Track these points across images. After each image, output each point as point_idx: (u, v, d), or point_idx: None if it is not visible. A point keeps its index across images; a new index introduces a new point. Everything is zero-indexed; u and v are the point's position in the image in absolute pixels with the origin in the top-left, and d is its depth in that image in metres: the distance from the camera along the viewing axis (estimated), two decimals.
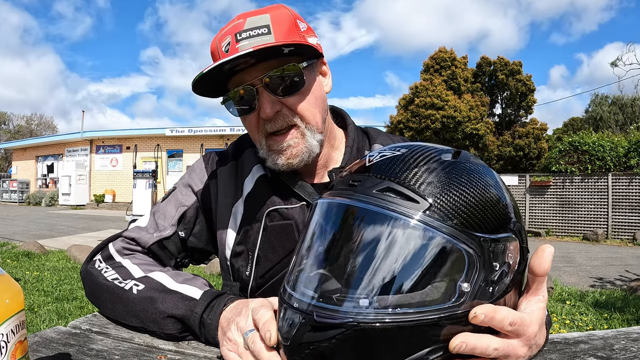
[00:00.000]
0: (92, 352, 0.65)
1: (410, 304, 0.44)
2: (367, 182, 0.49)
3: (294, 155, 0.80)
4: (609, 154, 11.76)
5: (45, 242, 7.95)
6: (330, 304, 0.46)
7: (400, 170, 0.49)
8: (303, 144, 0.80)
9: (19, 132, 40.21)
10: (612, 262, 7.90)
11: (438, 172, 0.48)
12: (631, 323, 3.90)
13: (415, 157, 0.50)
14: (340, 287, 0.46)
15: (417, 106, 16.95)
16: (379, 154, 0.52)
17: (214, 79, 0.77)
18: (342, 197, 0.50)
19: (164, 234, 0.89)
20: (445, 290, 0.44)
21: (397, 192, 0.47)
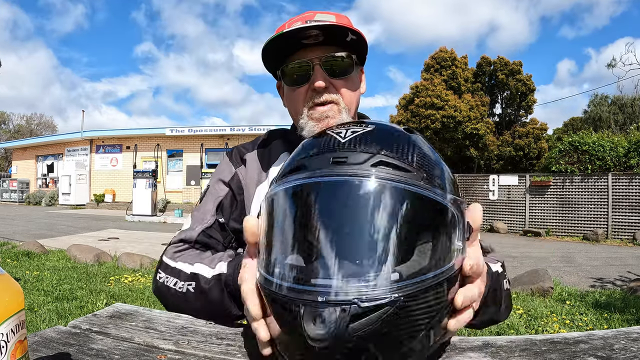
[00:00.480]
0: (92, 351, 0.65)
1: (429, 269, 0.46)
2: (353, 157, 0.48)
3: (329, 125, 0.88)
4: (609, 154, 11.77)
5: (45, 242, 7.95)
6: (368, 285, 0.43)
7: (385, 143, 0.50)
8: (339, 117, 0.89)
9: (18, 131, 40.23)
10: (612, 262, 7.91)
11: (413, 144, 0.52)
12: (631, 323, 3.90)
13: (389, 131, 0.53)
14: (365, 267, 0.44)
15: (417, 106, 16.95)
16: (348, 131, 0.52)
17: (278, 50, 0.88)
18: (339, 175, 0.47)
19: (205, 225, 0.95)
20: (449, 250, 0.48)
21: (390, 164, 0.48)
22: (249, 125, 19.47)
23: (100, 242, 8.61)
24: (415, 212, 0.47)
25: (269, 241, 0.50)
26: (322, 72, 0.87)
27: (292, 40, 0.85)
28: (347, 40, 0.86)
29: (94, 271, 5.66)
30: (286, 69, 0.90)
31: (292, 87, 0.91)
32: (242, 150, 1.03)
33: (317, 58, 0.87)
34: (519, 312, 4.21)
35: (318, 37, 0.84)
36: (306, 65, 0.87)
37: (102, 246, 7.59)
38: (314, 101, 0.89)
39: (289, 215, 0.49)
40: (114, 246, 7.86)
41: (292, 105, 0.94)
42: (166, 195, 19.29)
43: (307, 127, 0.90)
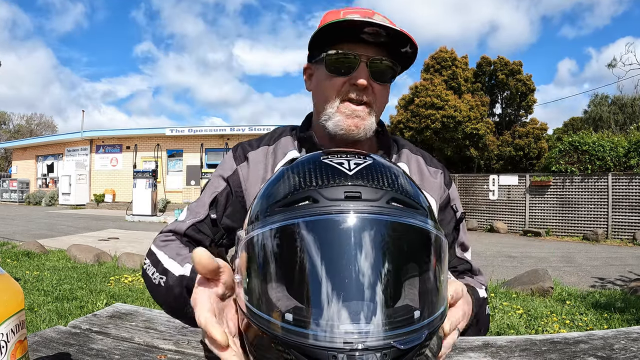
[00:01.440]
0: (92, 351, 0.65)
1: (440, 304, 0.48)
2: (366, 193, 0.46)
3: (358, 126, 0.88)
4: (609, 154, 11.77)
5: (45, 242, 7.95)
6: (402, 327, 0.43)
7: (390, 178, 0.49)
8: (368, 120, 0.89)
9: (18, 131, 40.22)
10: (612, 262, 7.90)
11: (409, 178, 0.54)
12: (631, 323, 3.90)
13: (386, 165, 0.52)
14: (398, 310, 0.43)
15: (417, 106, 16.95)
16: (350, 162, 0.50)
17: (331, 34, 0.84)
18: (365, 213, 0.44)
19: (197, 218, 0.94)
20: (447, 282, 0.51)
21: (400, 201, 0.47)
22: (249, 125, 19.47)
23: (100, 242, 8.61)
24: (435, 251, 0.48)
25: (284, 281, 0.44)
26: (366, 70, 0.85)
27: (351, 30, 0.83)
28: (402, 51, 0.86)
29: (94, 271, 5.66)
30: (332, 55, 0.87)
31: (330, 75, 0.88)
32: (247, 148, 1.01)
33: (365, 56, 0.85)
34: (519, 312, 4.21)
35: (379, 37, 0.83)
36: (354, 59, 0.85)
37: (102, 246, 7.59)
38: (349, 96, 0.87)
39: (312, 252, 0.43)
40: (114, 246, 7.86)
41: (322, 92, 0.91)
42: (166, 195, 19.29)
43: (334, 119, 0.88)
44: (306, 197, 0.46)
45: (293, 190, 0.48)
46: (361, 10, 0.86)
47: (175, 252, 0.84)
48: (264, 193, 0.52)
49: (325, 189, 0.46)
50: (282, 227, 0.45)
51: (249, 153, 0.99)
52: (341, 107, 0.88)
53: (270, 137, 1.02)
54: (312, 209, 0.45)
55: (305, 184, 0.48)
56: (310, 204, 0.45)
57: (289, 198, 0.47)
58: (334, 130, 0.88)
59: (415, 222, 0.46)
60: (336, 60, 0.87)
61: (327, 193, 0.46)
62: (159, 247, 0.88)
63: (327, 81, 0.89)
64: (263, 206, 0.50)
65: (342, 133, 0.88)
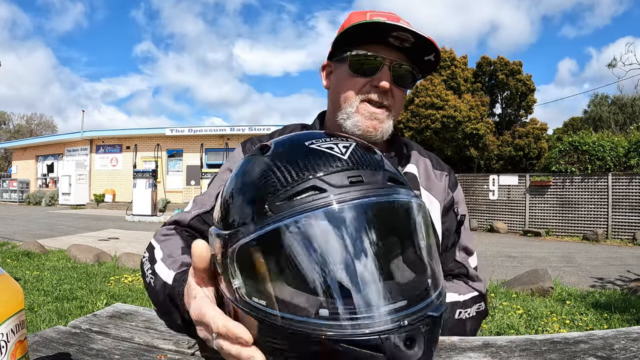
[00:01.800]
0: (92, 351, 0.65)
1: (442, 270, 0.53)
2: (367, 176, 0.46)
3: (376, 128, 0.88)
4: (609, 154, 11.77)
5: (45, 242, 7.95)
6: (429, 295, 0.46)
7: (378, 160, 0.50)
8: (386, 123, 0.89)
9: (18, 131, 40.22)
10: (612, 262, 7.91)
11: (381, 153, 0.54)
12: (631, 323, 3.90)
13: (368, 146, 0.53)
14: (419, 279, 0.46)
15: (417, 106, 16.95)
16: (340, 146, 0.49)
17: (359, 34, 0.84)
18: (375, 196, 0.45)
19: (202, 209, 0.92)
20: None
21: (395, 180, 0.49)
22: (249, 125, 19.47)
23: (100, 242, 8.61)
24: (430, 223, 0.51)
25: (311, 276, 0.42)
26: (388, 74, 0.86)
27: (378, 33, 0.83)
28: (425, 59, 0.86)
29: (94, 271, 5.66)
30: (356, 55, 0.87)
31: (353, 75, 0.88)
32: (257, 143, 0.99)
33: (389, 59, 0.85)
34: (519, 312, 4.21)
35: (405, 41, 0.83)
36: (378, 61, 0.86)
37: (102, 246, 7.59)
38: (369, 97, 0.87)
39: (338, 243, 0.42)
40: (114, 246, 7.86)
41: (342, 90, 0.91)
42: (166, 195, 19.29)
43: (353, 119, 0.88)
44: (310, 187, 0.44)
45: (291, 180, 0.45)
46: (387, 14, 0.87)
47: (169, 252, 0.82)
48: (242, 187, 0.49)
49: (328, 176, 0.45)
50: (299, 222, 0.42)
51: None
52: (360, 107, 0.88)
53: (281, 134, 1.01)
54: (324, 198, 0.43)
55: (303, 173, 0.45)
56: (318, 193, 0.44)
57: (289, 190, 0.44)
58: (352, 130, 0.88)
59: (416, 200, 0.49)
60: (360, 61, 0.87)
61: (331, 180, 0.45)
62: (159, 241, 0.87)
63: (348, 80, 0.89)
64: (253, 201, 0.46)
65: (359, 133, 0.88)
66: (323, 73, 0.99)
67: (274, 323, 0.43)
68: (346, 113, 0.89)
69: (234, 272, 0.46)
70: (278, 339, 0.43)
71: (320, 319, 0.41)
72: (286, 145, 0.51)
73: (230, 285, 0.47)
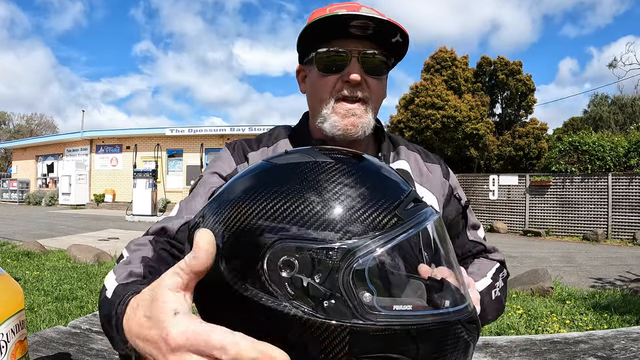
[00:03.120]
0: (92, 351, 0.65)
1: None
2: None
3: (355, 125, 0.85)
4: (609, 154, 11.77)
5: (45, 242, 7.95)
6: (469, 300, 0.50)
7: (400, 177, 0.54)
8: (365, 117, 0.86)
9: (19, 131, 40.22)
10: (612, 262, 7.90)
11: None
12: (631, 323, 3.90)
13: (382, 164, 0.56)
14: (456, 285, 0.50)
15: (418, 106, 16.95)
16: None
17: (318, 32, 0.83)
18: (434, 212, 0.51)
19: (192, 215, 0.79)
20: None
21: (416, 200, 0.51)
22: (249, 125, 19.47)
23: (100, 242, 8.61)
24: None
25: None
26: (358, 66, 0.83)
27: (338, 26, 0.81)
28: (392, 41, 0.83)
29: (94, 271, 5.66)
30: (322, 53, 0.85)
31: (322, 74, 0.86)
32: (247, 148, 0.96)
33: (356, 50, 0.83)
34: (519, 312, 4.21)
35: (367, 29, 0.81)
36: (344, 55, 0.83)
37: (102, 246, 7.59)
38: (343, 93, 0.85)
39: (433, 248, 0.50)
40: (114, 246, 7.86)
41: (316, 93, 0.89)
42: (166, 195, 19.28)
43: (330, 120, 0.86)
44: (414, 199, 0.50)
45: (407, 190, 0.51)
46: (346, 4, 0.84)
47: (129, 261, 0.65)
48: (363, 195, 0.46)
49: (405, 211, 0.50)
50: (428, 226, 0.48)
51: (250, 154, 0.94)
52: (336, 107, 0.85)
53: (268, 138, 0.98)
54: (426, 207, 0.49)
55: (407, 184, 0.53)
56: (420, 205, 0.50)
57: (409, 197, 0.49)
58: (331, 132, 0.86)
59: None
60: (327, 58, 0.85)
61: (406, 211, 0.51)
62: (130, 251, 0.70)
63: (319, 81, 0.87)
64: (383, 210, 0.45)
65: (339, 134, 0.85)
66: (299, 78, 0.96)
67: (419, 324, 0.44)
68: (323, 116, 0.87)
69: (363, 286, 0.43)
70: (418, 340, 0.44)
71: (446, 308, 0.48)
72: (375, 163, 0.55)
73: (338, 307, 0.42)
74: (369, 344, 0.42)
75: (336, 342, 0.41)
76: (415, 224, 0.45)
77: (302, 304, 0.41)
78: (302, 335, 0.41)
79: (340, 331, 0.41)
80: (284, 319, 0.41)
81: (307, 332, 0.41)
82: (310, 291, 0.41)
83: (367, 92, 0.85)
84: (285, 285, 0.42)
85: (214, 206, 0.50)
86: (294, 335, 0.42)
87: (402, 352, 0.43)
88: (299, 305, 0.41)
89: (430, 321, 0.44)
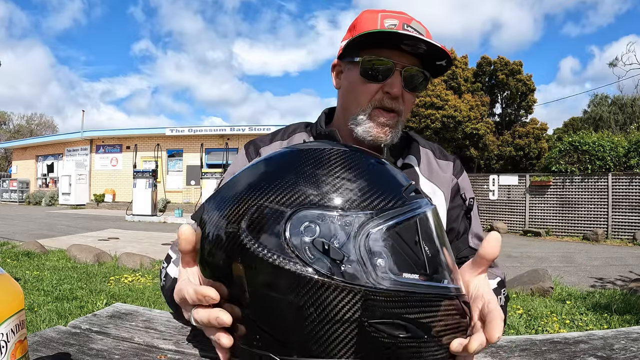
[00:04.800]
0: (92, 351, 0.65)
1: None
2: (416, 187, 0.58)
3: (387, 133, 0.88)
4: (609, 154, 11.77)
5: (45, 242, 7.95)
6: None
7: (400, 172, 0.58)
8: (396, 128, 0.90)
9: (19, 131, 40.23)
10: (612, 262, 7.91)
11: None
12: (631, 323, 3.90)
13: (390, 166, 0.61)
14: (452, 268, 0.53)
15: (417, 106, 16.95)
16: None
17: (372, 38, 0.83)
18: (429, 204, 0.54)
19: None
20: None
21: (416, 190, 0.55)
22: (249, 125, 19.47)
23: (100, 242, 8.61)
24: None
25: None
26: (400, 79, 0.85)
27: (393, 38, 0.82)
28: (437, 63, 0.86)
29: (94, 271, 5.66)
30: (369, 59, 0.86)
31: (364, 80, 0.88)
32: (259, 144, 0.99)
33: (400, 64, 0.85)
34: (519, 312, 4.21)
35: (418, 48, 0.83)
36: (390, 67, 0.85)
37: (102, 246, 7.59)
38: (383, 104, 0.87)
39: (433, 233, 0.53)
40: (114, 246, 7.86)
41: (354, 96, 0.90)
42: (166, 195, 19.29)
43: (365, 126, 0.88)
44: (415, 189, 0.54)
45: (389, 195, 0.52)
46: (398, 15, 0.87)
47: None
48: (377, 176, 0.52)
49: (406, 194, 0.54)
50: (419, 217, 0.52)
51: (262, 149, 0.97)
52: (373, 115, 0.88)
53: (284, 132, 1.01)
54: (423, 198, 0.53)
55: (396, 190, 0.55)
56: (419, 194, 0.54)
57: (412, 186, 0.54)
58: (362, 136, 0.88)
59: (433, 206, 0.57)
60: (372, 66, 0.86)
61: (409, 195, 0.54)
62: (175, 251, 0.86)
63: (361, 86, 0.88)
64: (393, 189, 0.51)
65: (370, 139, 0.88)
66: (333, 73, 0.98)
67: (426, 293, 0.48)
68: (358, 120, 0.89)
69: (378, 252, 0.47)
70: (423, 309, 0.47)
71: (446, 284, 0.50)
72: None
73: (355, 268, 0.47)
74: (378, 310, 0.45)
75: (350, 306, 0.45)
76: (418, 207, 0.51)
77: (321, 268, 0.45)
78: (318, 299, 0.45)
79: (355, 294, 0.45)
80: (302, 282, 0.45)
81: (323, 295, 0.45)
82: (331, 253, 0.45)
83: (402, 105, 0.88)
84: (306, 250, 0.46)
85: (234, 183, 0.54)
86: (311, 298, 0.45)
87: (409, 321, 0.46)
88: (317, 269, 0.45)
89: (434, 292, 0.48)
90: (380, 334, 0.46)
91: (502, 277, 0.92)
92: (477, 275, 0.57)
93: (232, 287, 0.50)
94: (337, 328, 0.45)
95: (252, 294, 0.48)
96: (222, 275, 0.51)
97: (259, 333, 0.49)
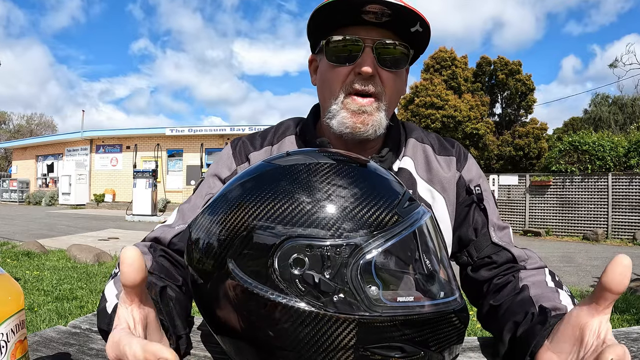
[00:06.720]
0: (92, 351, 0.65)
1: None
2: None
3: (365, 123, 0.77)
4: (609, 153, 11.77)
5: (45, 242, 7.95)
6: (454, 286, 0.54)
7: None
8: (377, 115, 0.78)
9: (19, 131, 40.23)
10: None
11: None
12: (631, 323, 3.90)
13: (381, 170, 0.60)
14: (445, 279, 0.54)
15: (417, 106, 16.97)
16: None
17: (329, 18, 0.75)
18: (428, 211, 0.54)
19: (184, 226, 0.79)
20: None
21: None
22: (249, 125, 19.47)
23: (100, 242, 8.61)
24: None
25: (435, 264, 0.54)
26: (372, 56, 0.75)
27: (350, 11, 0.72)
28: (412, 30, 0.74)
29: (94, 271, 5.66)
30: (332, 41, 0.77)
31: (332, 65, 0.78)
32: (249, 147, 0.90)
33: (370, 39, 0.74)
34: None
35: (382, 15, 0.71)
36: (356, 44, 0.75)
37: (102, 246, 7.59)
38: (354, 87, 0.76)
39: (428, 246, 0.53)
40: (114, 246, 7.86)
41: (326, 85, 0.81)
42: (166, 195, 19.29)
43: (339, 117, 0.78)
44: (410, 198, 0.54)
45: (403, 191, 0.54)
46: None
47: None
48: (363, 195, 0.48)
49: (405, 207, 0.54)
50: (425, 222, 0.52)
51: (251, 154, 0.88)
52: (346, 102, 0.78)
53: (274, 134, 0.91)
54: (420, 207, 0.52)
55: (402, 187, 0.56)
56: (415, 203, 0.53)
57: (404, 198, 0.52)
58: (339, 129, 0.79)
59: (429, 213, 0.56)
60: (337, 48, 0.77)
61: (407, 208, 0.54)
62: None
63: (329, 72, 0.79)
64: (383, 208, 0.48)
65: (348, 132, 0.78)
66: (310, 69, 0.89)
67: (420, 313, 0.47)
68: (331, 112, 0.79)
69: (370, 279, 0.45)
70: (418, 329, 0.47)
71: (442, 299, 0.51)
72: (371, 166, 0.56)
73: (349, 299, 0.45)
74: (374, 335, 0.45)
75: (344, 335, 0.44)
76: (413, 221, 0.49)
77: (312, 299, 0.44)
78: (312, 329, 0.44)
79: (349, 324, 0.44)
80: (295, 315, 0.44)
81: (317, 326, 0.44)
82: (322, 286, 0.44)
83: (380, 87, 0.77)
84: (296, 282, 0.44)
85: (217, 208, 0.51)
86: (305, 329, 0.44)
87: (404, 341, 0.46)
88: (309, 301, 0.44)
89: (429, 311, 0.48)
90: (376, 356, 0.45)
91: (542, 265, 0.78)
92: (598, 316, 0.46)
93: (223, 319, 0.49)
94: (332, 356, 0.45)
95: (244, 325, 0.47)
96: (213, 307, 0.49)
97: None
